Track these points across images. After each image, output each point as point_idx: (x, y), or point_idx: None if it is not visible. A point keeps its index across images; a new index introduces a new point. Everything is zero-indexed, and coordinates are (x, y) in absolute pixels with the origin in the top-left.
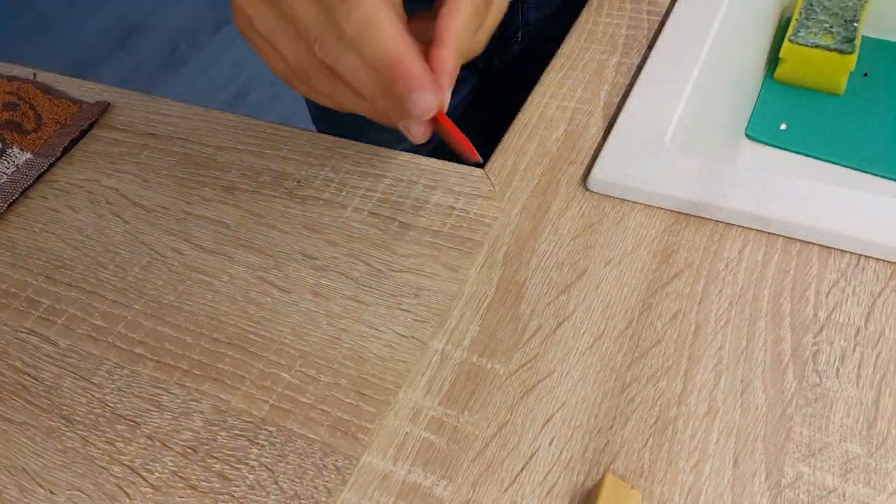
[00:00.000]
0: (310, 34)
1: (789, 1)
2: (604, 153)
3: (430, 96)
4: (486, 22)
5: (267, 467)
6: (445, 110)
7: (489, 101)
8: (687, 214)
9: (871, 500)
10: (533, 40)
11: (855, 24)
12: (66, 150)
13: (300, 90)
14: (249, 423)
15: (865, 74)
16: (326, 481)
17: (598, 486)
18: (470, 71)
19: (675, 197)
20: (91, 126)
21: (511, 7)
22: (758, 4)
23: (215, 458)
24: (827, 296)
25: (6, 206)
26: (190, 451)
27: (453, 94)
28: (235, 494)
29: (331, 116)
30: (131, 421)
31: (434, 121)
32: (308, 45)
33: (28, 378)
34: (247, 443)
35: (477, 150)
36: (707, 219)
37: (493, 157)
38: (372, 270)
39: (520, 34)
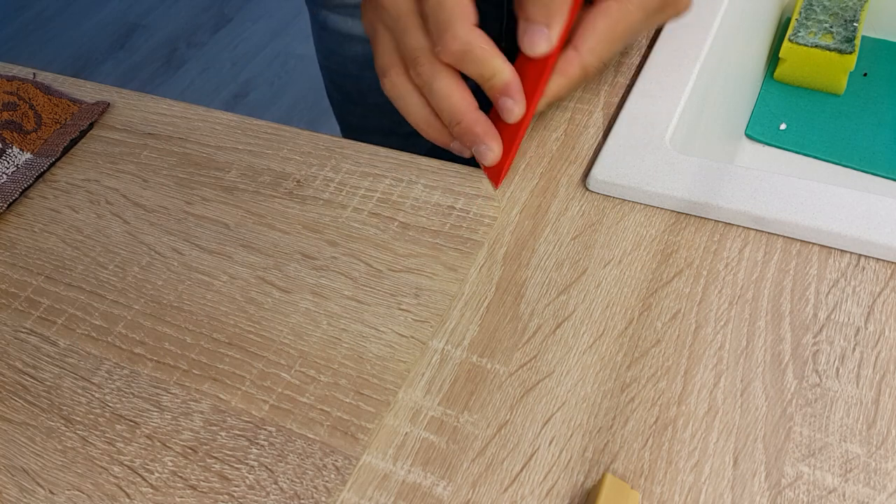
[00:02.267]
0: (411, 54)
1: (789, 1)
2: (604, 153)
3: (518, 104)
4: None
5: (267, 467)
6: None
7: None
8: (687, 214)
9: (871, 500)
10: None
11: (855, 24)
12: (66, 150)
13: (385, 86)
14: (249, 423)
15: (865, 74)
16: (326, 481)
17: (597, 486)
18: None
19: (674, 197)
20: (91, 126)
21: None
22: (758, 4)
23: (215, 458)
24: (827, 296)
25: (6, 206)
26: (190, 451)
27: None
28: (235, 494)
29: (354, 129)
30: (131, 421)
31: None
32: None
33: (28, 378)
34: (246, 443)
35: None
36: (707, 219)
37: None
38: (372, 270)
39: None
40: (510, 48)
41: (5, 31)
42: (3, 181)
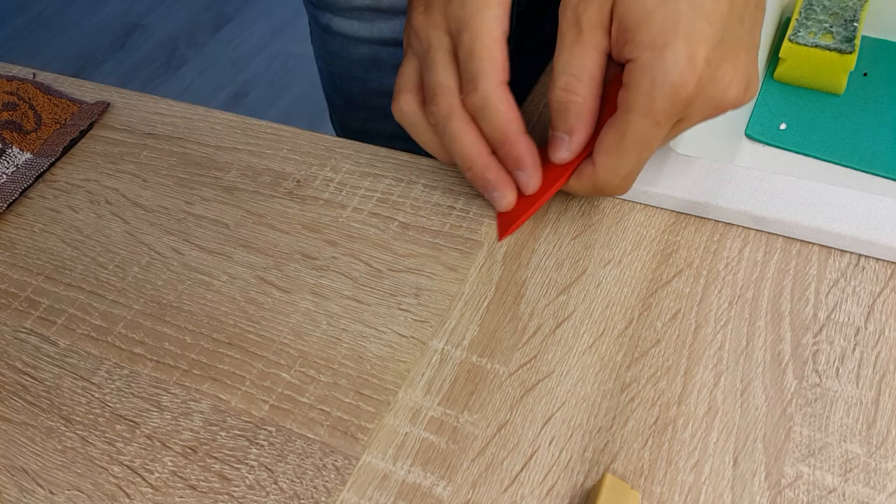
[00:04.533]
0: (437, 89)
1: (789, 1)
2: None
3: (533, 178)
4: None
5: (266, 467)
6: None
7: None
8: (687, 214)
9: (871, 500)
10: (531, 19)
11: (855, 24)
12: (66, 149)
13: (394, 107)
14: (249, 423)
15: (865, 74)
16: (326, 481)
17: (597, 486)
18: None
19: (674, 197)
20: (91, 126)
21: None
22: None
23: (215, 458)
24: (827, 295)
25: (6, 206)
26: (189, 451)
27: None
28: (235, 494)
29: (355, 133)
30: (131, 421)
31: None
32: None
33: (28, 378)
34: (246, 443)
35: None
36: (707, 218)
37: None
38: (372, 270)
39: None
40: (519, 50)
41: (5, 31)
42: (2, 181)
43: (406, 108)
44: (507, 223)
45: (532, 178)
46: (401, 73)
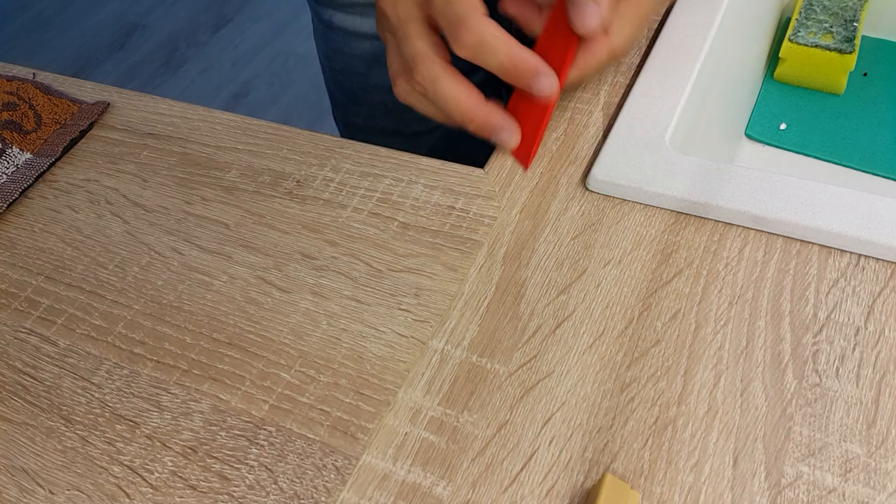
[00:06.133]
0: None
1: (789, 1)
2: (603, 153)
3: (552, 79)
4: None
5: (266, 467)
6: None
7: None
8: (687, 214)
9: (871, 500)
10: None
11: (855, 24)
12: (66, 150)
13: (397, 94)
14: (249, 423)
15: (865, 74)
16: (326, 481)
17: (597, 486)
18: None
19: (674, 197)
20: (91, 126)
21: None
22: (758, 4)
23: (215, 458)
24: (827, 295)
25: (6, 206)
26: (189, 451)
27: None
28: (235, 494)
29: (357, 129)
30: (131, 421)
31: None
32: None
33: (28, 378)
34: (246, 443)
35: (482, 144)
36: (707, 218)
37: (493, 157)
38: (372, 270)
39: None
40: None
41: (5, 31)
42: (2, 181)
43: (404, 87)
44: (525, 152)
45: (553, 76)
46: (389, 60)
